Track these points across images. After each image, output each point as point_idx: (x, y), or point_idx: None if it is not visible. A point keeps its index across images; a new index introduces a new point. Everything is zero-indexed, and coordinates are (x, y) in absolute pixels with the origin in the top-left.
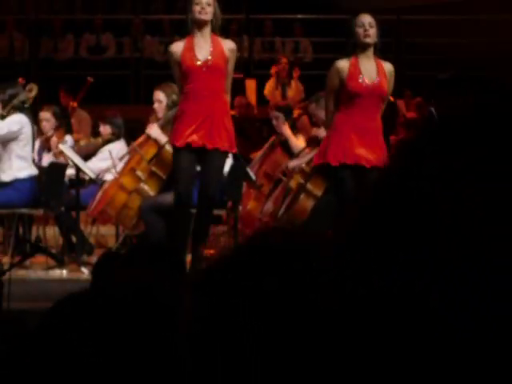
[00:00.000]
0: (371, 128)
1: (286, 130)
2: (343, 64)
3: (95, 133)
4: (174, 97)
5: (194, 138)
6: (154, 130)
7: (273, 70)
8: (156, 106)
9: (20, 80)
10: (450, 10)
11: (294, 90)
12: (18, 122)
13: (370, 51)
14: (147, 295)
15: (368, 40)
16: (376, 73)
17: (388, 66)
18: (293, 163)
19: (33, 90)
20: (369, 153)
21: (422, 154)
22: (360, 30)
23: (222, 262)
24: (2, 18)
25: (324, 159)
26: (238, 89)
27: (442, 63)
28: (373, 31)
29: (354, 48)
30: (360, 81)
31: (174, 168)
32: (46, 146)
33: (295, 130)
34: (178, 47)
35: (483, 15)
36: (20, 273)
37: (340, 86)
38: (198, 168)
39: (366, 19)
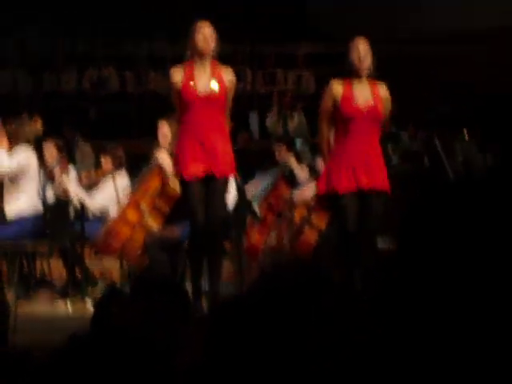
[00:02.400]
0: (369, 151)
1: (291, 159)
2: (337, 86)
3: (97, 166)
4: None
5: (200, 168)
6: (164, 158)
7: (275, 102)
8: (161, 137)
9: (24, 114)
10: (452, 42)
11: (297, 122)
12: (26, 156)
13: (364, 75)
14: (150, 334)
15: (363, 66)
16: (370, 95)
17: (383, 88)
18: (299, 196)
19: (38, 124)
20: (369, 177)
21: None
22: (354, 56)
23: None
24: (5, 53)
25: (328, 187)
26: (240, 122)
27: (444, 97)
28: (367, 58)
29: (349, 72)
30: (354, 104)
31: (186, 200)
32: (49, 178)
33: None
34: (178, 75)
35: (484, 48)
36: (25, 307)
37: (334, 110)
38: None
39: (360, 43)
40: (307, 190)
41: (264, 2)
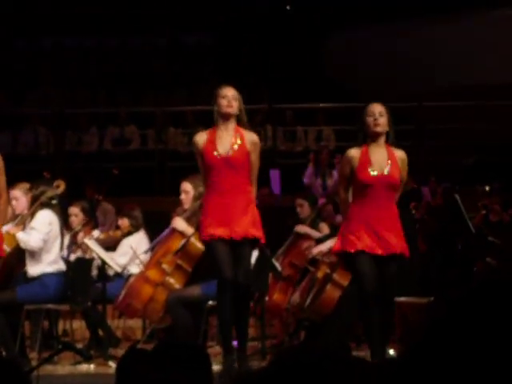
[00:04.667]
0: (384, 217)
1: (303, 228)
2: (354, 153)
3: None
4: (201, 188)
5: (221, 231)
6: (179, 223)
7: (311, 158)
8: (183, 196)
9: (45, 174)
10: (472, 95)
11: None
12: (47, 222)
13: (381, 140)
14: None
15: (378, 129)
16: (386, 162)
17: (400, 154)
18: (315, 249)
19: (60, 186)
20: (384, 242)
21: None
22: (370, 119)
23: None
24: (26, 112)
25: (342, 247)
26: (261, 178)
27: (465, 149)
28: (383, 120)
29: (365, 137)
30: (369, 171)
31: (213, 260)
32: (74, 242)
33: (320, 218)
34: (201, 138)
35: (506, 101)
36: (48, 368)
37: (351, 176)
38: None
39: (377, 108)
40: (324, 245)
41: (281, 62)
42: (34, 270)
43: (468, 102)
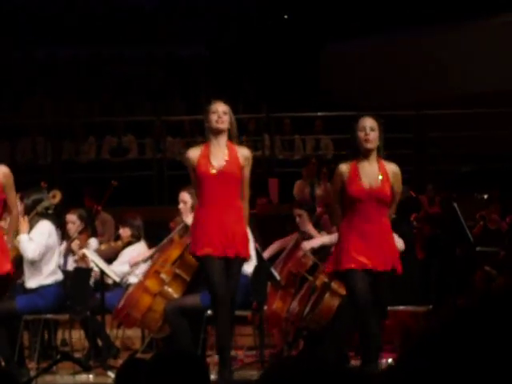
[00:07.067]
0: (375, 232)
1: (310, 228)
2: (344, 168)
3: (118, 234)
4: None
5: (212, 247)
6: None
7: (304, 172)
8: (181, 206)
9: (42, 184)
10: (469, 103)
11: (323, 188)
12: (46, 233)
13: (373, 155)
14: None
15: (368, 146)
16: (377, 176)
17: (392, 167)
18: (307, 245)
19: (56, 197)
20: (375, 257)
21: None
22: (361, 134)
23: None
24: (24, 122)
25: (335, 266)
26: (259, 187)
27: (463, 157)
28: (374, 135)
29: (356, 151)
30: (359, 185)
31: (205, 274)
32: (71, 249)
33: (318, 227)
34: (194, 153)
35: (504, 108)
36: (47, 378)
37: (341, 191)
38: None
39: (368, 123)
40: (316, 241)
41: (279, 71)
42: (32, 282)
43: (466, 110)
